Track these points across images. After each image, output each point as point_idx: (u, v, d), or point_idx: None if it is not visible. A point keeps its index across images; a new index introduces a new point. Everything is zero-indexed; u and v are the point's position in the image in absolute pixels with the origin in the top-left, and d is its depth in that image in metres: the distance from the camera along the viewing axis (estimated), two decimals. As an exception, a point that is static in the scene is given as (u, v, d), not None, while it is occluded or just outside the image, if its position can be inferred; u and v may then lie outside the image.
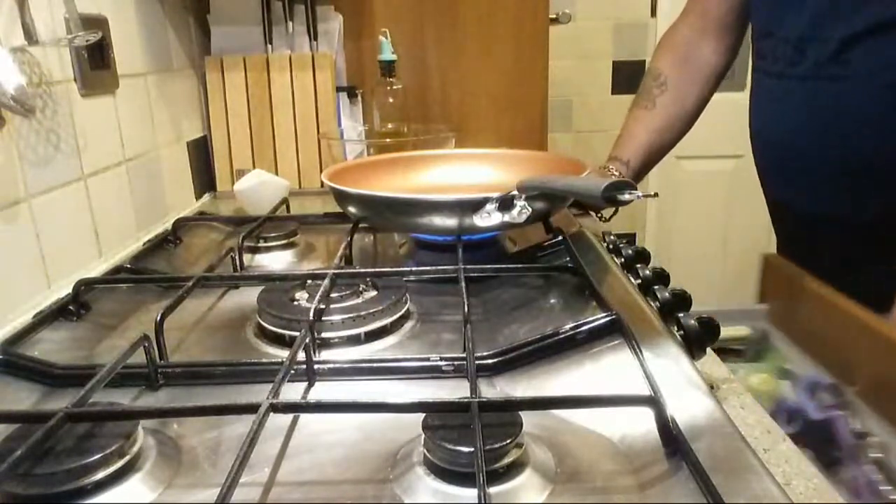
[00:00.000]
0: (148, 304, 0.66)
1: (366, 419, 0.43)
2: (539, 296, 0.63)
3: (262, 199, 0.97)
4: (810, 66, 0.76)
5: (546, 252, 0.74)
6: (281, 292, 0.59)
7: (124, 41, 0.89)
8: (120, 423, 0.40)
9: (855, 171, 0.76)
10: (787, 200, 0.88)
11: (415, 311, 0.60)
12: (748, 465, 0.36)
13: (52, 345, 0.57)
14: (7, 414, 0.43)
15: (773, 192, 0.92)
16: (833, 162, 0.77)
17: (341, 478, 0.38)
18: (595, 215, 0.95)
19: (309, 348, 0.49)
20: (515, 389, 0.47)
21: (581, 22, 2.16)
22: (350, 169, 0.84)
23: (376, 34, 1.17)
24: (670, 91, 0.96)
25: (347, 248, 0.72)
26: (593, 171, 0.88)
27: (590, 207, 0.92)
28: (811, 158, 0.80)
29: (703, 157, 2.23)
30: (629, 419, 0.41)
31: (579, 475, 0.37)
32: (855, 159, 0.75)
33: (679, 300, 0.59)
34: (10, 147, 0.65)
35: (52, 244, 0.71)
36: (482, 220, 0.65)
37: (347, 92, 1.23)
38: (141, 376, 0.49)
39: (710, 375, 0.54)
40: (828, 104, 0.76)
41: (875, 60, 0.71)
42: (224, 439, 0.42)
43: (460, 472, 0.36)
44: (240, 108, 1.15)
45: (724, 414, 0.41)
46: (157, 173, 0.98)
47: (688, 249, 2.33)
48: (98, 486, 0.37)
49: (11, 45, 0.64)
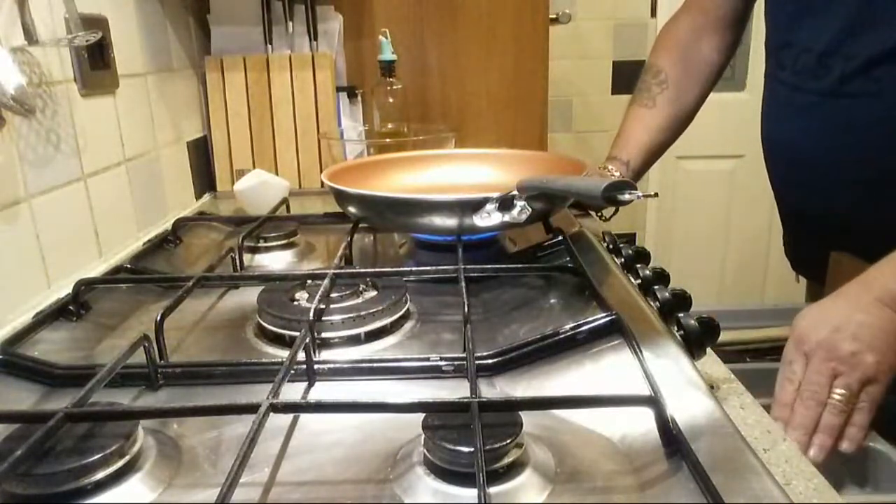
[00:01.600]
0: (148, 304, 0.66)
1: (366, 419, 0.43)
2: (539, 296, 0.63)
3: (262, 199, 0.97)
4: (835, 80, 0.75)
5: (546, 252, 0.74)
6: (281, 292, 0.59)
7: (124, 41, 0.89)
8: (120, 423, 0.40)
9: (884, 182, 0.75)
10: (806, 211, 0.87)
11: (415, 311, 0.60)
12: (748, 465, 0.36)
13: (52, 345, 0.57)
14: (7, 414, 0.43)
15: (790, 201, 0.91)
16: (859, 175, 0.77)
17: (341, 478, 0.38)
18: (595, 215, 0.95)
19: (309, 348, 0.49)
20: (515, 389, 0.47)
21: (581, 22, 2.16)
22: (350, 169, 0.84)
23: (376, 34, 1.17)
24: (671, 89, 0.96)
25: (347, 248, 0.72)
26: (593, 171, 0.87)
27: (590, 207, 0.92)
28: (834, 171, 0.79)
29: (703, 157, 2.23)
30: (629, 419, 0.41)
31: (579, 475, 0.37)
32: (886, 172, 0.74)
33: (679, 300, 0.59)
34: (10, 147, 0.65)
35: (52, 244, 0.71)
36: (482, 220, 0.65)
37: (347, 92, 1.23)
38: (141, 376, 0.49)
39: (710, 375, 0.54)
40: (857, 120, 0.74)
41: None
42: (224, 439, 0.42)
43: (460, 472, 0.36)
44: (240, 108, 1.15)
45: (724, 414, 0.41)
46: (157, 173, 0.98)
47: (688, 249, 2.33)
48: (98, 486, 0.37)
49: (11, 45, 0.64)
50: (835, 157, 0.78)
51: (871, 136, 0.74)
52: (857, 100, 0.74)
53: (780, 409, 0.59)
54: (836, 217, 0.81)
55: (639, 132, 0.95)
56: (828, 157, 0.79)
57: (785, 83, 0.83)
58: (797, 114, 0.81)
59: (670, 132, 0.97)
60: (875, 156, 0.75)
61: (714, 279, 2.36)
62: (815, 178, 0.82)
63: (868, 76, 0.72)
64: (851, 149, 0.76)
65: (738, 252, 2.33)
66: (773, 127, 0.88)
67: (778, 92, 0.86)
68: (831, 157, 0.78)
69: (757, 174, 1.07)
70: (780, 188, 0.92)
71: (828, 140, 0.78)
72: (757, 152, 0.93)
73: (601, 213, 0.94)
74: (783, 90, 0.84)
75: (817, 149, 0.79)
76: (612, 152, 0.95)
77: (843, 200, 0.80)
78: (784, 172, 0.89)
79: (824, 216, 0.83)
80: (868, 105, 0.73)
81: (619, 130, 0.97)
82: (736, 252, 2.33)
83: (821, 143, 0.79)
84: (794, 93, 0.81)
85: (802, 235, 0.94)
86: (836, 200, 0.81)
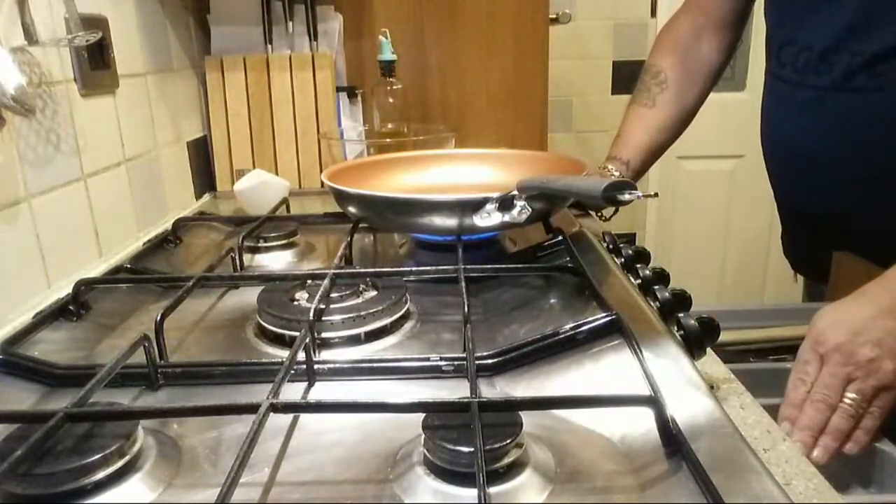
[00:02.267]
0: (148, 304, 0.66)
1: (366, 419, 0.43)
2: (539, 296, 0.63)
3: (262, 199, 0.97)
4: (837, 76, 0.75)
5: (546, 252, 0.74)
6: (281, 292, 0.59)
7: (124, 41, 0.89)
8: (120, 423, 0.40)
9: (884, 181, 0.75)
10: (805, 210, 0.87)
11: (415, 311, 0.60)
12: (748, 465, 0.36)
13: (52, 345, 0.57)
14: (7, 414, 0.43)
15: (790, 200, 0.91)
16: (859, 173, 0.77)
17: (341, 478, 0.38)
18: (595, 215, 0.95)
19: (309, 348, 0.49)
20: (515, 389, 0.47)
21: (581, 22, 2.16)
22: (350, 169, 0.84)
23: (376, 34, 1.17)
24: (671, 89, 0.96)
25: (347, 248, 0.72)
26: (592, 171, 0.87)
27: (590, 207, 0.92)
28: (835, 168, 0.79)
29: (703, 157, 2.23)
30: (629, 419, 0.41)
31: (579, 475, 0.37)
32: (887, 170, 0.74)
33: (679, 300, 0.59)
34: (10, 147, 0.65)
35: (52, 244, 0.71)
36: (482, 220, 0.65)
37: (347, 92, 1.23)
38: (141, 376, 0.49)
39: (710, 375, 0.54)
40: (859, 115, 0.74)
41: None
42: (224, 439, 0.42)
43: (460, 472, 0.36)
44: (240, 108, 1.15)
45: (724, 414, 0.41)
46: (157, 173, 0.98)
47: (688, 249, 2.33)
48: (98, 486, 0.37)
49: (11, 45, 0.64)
50: (835, 154, 0.78)
51: (872, 133, 0.74)
52: (860, 95, 0.74)
53: (789, 408, 0.59)
54: (836, 216, 0.81)
55: (639, 132, 0.95)
56: (828, 155, 0.79)
57: (786, 81, 0.83)
58: (798, 111, 0.81)
59: (670, 132, 0.97)
60: (875, 154, 0.75)
61: (714, 279, 2.36)
62: (814, 176, 0.82)
63: (872, 72, 0.72)
64: (851, 146, 0.76)
65: (738, 252, 2.33)
66: (773, 125, 0.88)
67: (779, 90, 0.85)
68: (831, 155, 0.78)
69: (757, 174, 1.07)
70: (779, 187, 0.91)
71: (828, 137, 0.78)
72: (757, 152, 0.93)
73: (601, 213, 0.94)
74: (784, 88, 0.84)
75: (817, 146, 0.79)
76: (612, 152, 0.95)
77: (842, 199, 0.80)
78: (784, 171, 0.89)
79: (824, 215, 0.83)
80: (870, 101, 0.73)
81: (619, 130, 0.97)
82: (736, 252, 2.33)
83: (821, 139, 0.79)
84: (795, 90, 0.81)
85: (802, 235, 0.94)
86: (836, 199, 0.80)
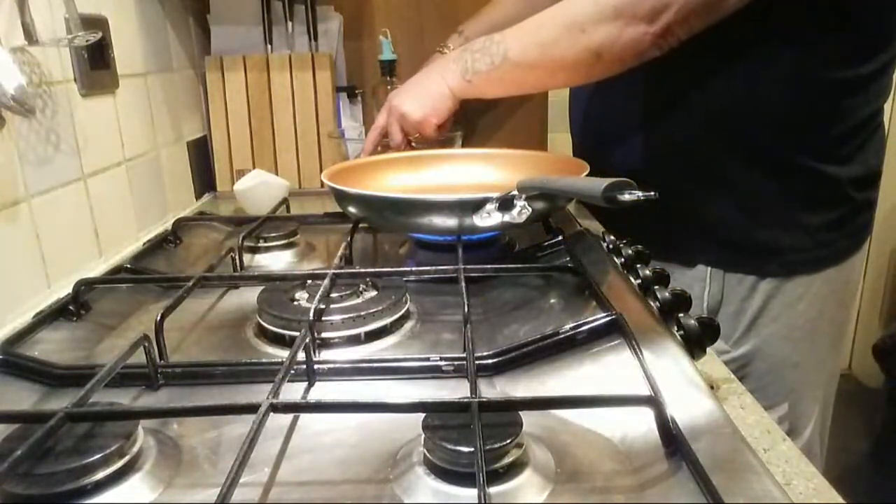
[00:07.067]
0: (148, 304, 0.66)
1: (366, 419, 0.43)
2: (539, 296, 0.63)
3: (262, 199, 0.97)
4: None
5: (546, 252, 0.74)
6: (281, 292, 0.59)
7: (124, 41, 0.89)
8: (120, 423, 0.40)
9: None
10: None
11: (415, 311, 0.60)
12: (748, 465, 0.36)
13: (52, 345, 0.57)
14: (7, 414, 0.43)
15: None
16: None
17: (341, 478, 0.38)
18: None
19: (309, 348, 0.49)
20: (515, 389, 0.47)
21: (581, 22, 2.16)
22: (350, 169, 0.84)
23: (376, 34, 1.17)
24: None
25: (347, 248, 0.72)
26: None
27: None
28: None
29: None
30: (629, 419, 0.41)
31: (579, 475, 0.37)
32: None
33: (679, 300, 0.59)
34: (10, 147, 0.65)
35: (52, 244, 0.71)
36: (482, 220, 0.65)
37: (347, 92, 1.23)
38: (141, 376, 0.49)
39: (710, 375, 0.54)
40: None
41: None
42: (224, 439, 0.42)
43: (460, 472, 0.36)
44: (240, 108, 1.15)
45: (724, 414, 0.41)
46: (157, 173, 0.98)
47: (688, 249, 2.33)
48: (98, 486, 0.37)
49: (11, 45, 0.64)
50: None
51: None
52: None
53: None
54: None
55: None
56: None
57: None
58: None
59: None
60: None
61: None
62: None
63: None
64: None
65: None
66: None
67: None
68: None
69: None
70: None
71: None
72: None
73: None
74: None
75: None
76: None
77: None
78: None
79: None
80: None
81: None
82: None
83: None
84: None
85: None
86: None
